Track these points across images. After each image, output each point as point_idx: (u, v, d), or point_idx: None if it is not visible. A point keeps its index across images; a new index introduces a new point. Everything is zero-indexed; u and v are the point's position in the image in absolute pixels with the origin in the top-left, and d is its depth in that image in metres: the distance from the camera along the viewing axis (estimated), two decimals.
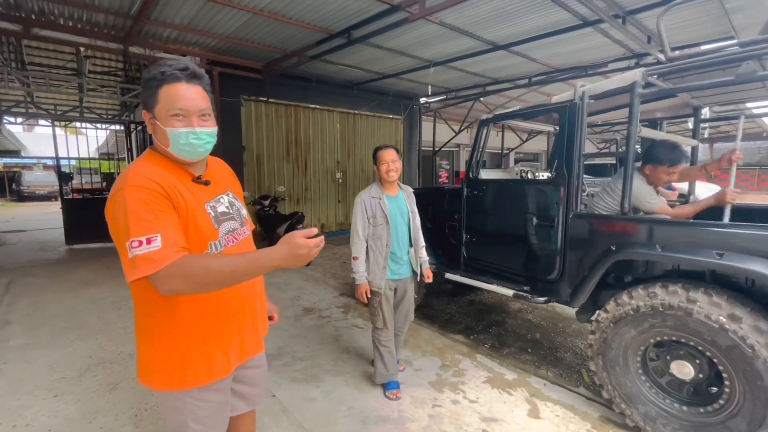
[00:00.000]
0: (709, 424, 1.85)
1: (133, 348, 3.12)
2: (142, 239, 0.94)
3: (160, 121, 1.08)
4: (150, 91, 1.07)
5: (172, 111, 1.07)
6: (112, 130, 14.56)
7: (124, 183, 1.01)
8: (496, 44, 5.55)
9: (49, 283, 4.92)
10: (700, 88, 2.05)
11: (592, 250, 2.32)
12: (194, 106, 1.09)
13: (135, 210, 0.97)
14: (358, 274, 2.35)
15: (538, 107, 2.76)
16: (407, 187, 2.59)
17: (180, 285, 0.96)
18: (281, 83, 6.97)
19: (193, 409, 1.18)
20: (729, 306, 1.77)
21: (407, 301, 2.55)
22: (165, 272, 0.95)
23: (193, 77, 1.10)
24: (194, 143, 1.10)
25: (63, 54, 7.51)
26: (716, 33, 4.73)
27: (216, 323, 1.17)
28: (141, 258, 0.94)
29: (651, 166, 2.39)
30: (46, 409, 2.33)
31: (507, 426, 2.19)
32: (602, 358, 2.19)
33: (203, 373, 1.15)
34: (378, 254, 2.38)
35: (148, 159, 1.12)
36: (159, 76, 1.06)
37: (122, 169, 1.06)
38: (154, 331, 1.13)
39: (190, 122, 1.09)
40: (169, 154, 1.11)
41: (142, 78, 1.10)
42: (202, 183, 1.17)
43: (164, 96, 1.07)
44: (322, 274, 5.41)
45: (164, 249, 0.96)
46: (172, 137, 1.07)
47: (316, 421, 2.23)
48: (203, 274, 0.97)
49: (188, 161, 1.14)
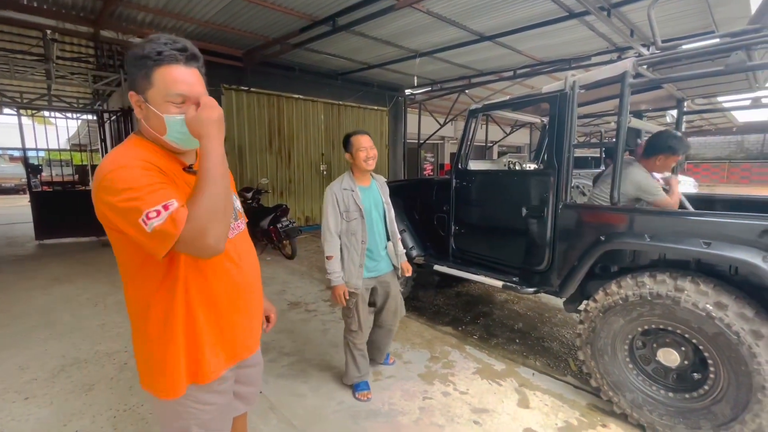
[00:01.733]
0: (694, 409, 1.89)
1: (109, 347, 2.99)
2: (159, 208, 0.87)
3: (153, 105, 0.97)
4: (142, 72, 0.96)
5: (171, 96, 0.96)
6: (84, 120, 13.93)
7: (113, 166, 0.91)
8: (483, 35, 5.52)
9: (17, 279, 4.67)
10: (689, 78, 2.06)
11: (582, 240, 2.33)
12: (194, 91, 0.99)
13: (134, 185, 0.88)
14: (334, 275, 2.17)
15: (528, 97, 2.74)
16: (380, 176, 2.44)
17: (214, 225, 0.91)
18: (263, 72, 6.77)
19: (196, 414, 1.11)
20: (715, 294, 1.80)
21: (393, 298, 2.42)
22: (194, 221, 0.89)
23: (191, 59, 1.00)
24: None
25: (28, 39, 7.08)
26: (698, 27, 4.82)
27: (215, 320, 1.10)
28: (165, 223, 0.87)
29: (664, 157, 2.42)
30: (16, 413, 2.20)
31: (498, 416, 2.20)
32: (591, 347, 2.21)
33: (200, 372, 1.08)
34: (353, 251, 2.20)
35: (134, 144, 1.01)
36: (154, 55, 0.94)
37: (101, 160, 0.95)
38: (151, 336, 1.05)
39: (187, 109, 0.99)
40: (160, 141, 1.02)
41: (130, 54, 0.97)
42: (193, 173, 1.08)
43: (160, 79, 0.95)
44: (307, 267, 5.32)
45: (181, 208, 0.89)
46: (170, 124, 0.98)
47: (305, 417, 2.18)
48: (213, 197, 0.92)
49: (182, 150, 1.05)
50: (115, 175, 0.89)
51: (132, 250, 0.98)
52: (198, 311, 1.06)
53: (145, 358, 1.08)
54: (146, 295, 1.03)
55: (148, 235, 0.87)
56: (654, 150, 2.45)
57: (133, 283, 1.04)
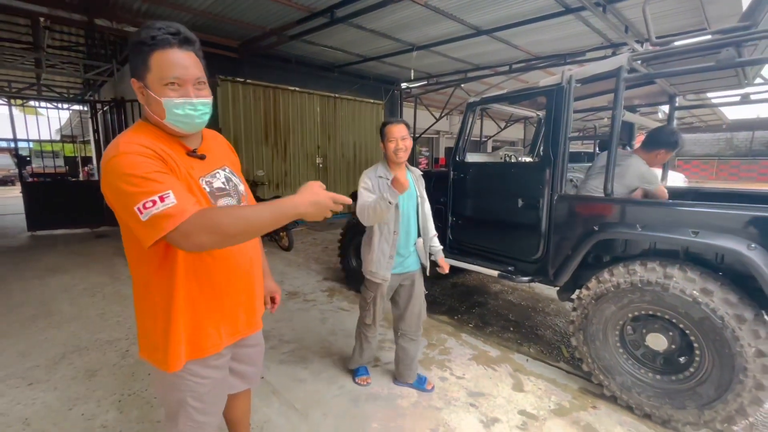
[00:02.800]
0: (681, 390, 1.99)
1: (110, 335, 3.01)
2: (155, 198, 0.89)
3: (153, 90, 1.00)
4: (140, 58, 0.99)
5: (167, 80, 0.99)
6: (75, 111, 13.71)
7: (116, 151, 0.94)
8: (480, 29, 5.55)
9: (11, 270, 4.65)
10: (681, 74, 2.13)
11: (576, 230, 2.40)
12: (190, 74, 1.02)
13: (137, 173, 0.91)
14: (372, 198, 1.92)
15: (525, 90, 2.79)
16: (416, 169, 2.29)
17: (206, 237, 0.91)
18: (259, 63, 6.74)
19: (192, 386, 1.16)
20: (702, 281, 1.88)
21: (417, 299, 2.25)
22: (188, 225, 0.90)
23: (186, 42, 1.02)
24: (191, 114, 1.03)
25: (17, 26, 6.94)
26: (690, 24, 4.91)
27: (212, 299, 1.14)
28: (158, 216, 0.89)
29: (665, 152, 2.53)
30: (21, 398, 2.22)
31: (493, 399, 2.28)
32: (583, 333, 2.29)
33: (197, 348, 1.13)
34: (384, 242, 2.08)
35: (139, 129, 1.04)
36: (149, 40, 0.97)
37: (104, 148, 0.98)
38: (154, 309, 1.10)
39: (186, 92, 1.02)
40: (162, 125, 1.04)
41: (129, 42, 1.01)
42: (196, 157, 1.11)
43: (156, 63, 0.98)
44: (304, 259, 5.36)
45: (180, 203, 0.91)
46: (168, 108, 1.00)
47: (306, 401, 2.24)
48: (229, 224, 0.92)
49: (184, 133, 1.08)
50: (118, 160, 0.93)
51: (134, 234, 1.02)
52: (198, 290, 1.11)
53: (146, 330, 1.13)
54: (148, 273, 1.07)
55: (142, 224, 0.90)
56: (657, 145, 2.53)
57: (136, 262, 1.09)
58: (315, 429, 2.01)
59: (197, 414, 1.19)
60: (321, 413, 2.13)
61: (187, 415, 1.18)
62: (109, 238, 6.55)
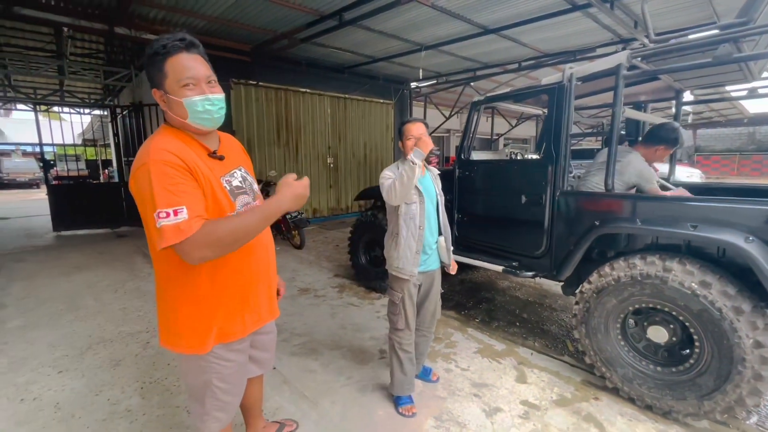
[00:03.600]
0: (681, 381, 2.02)
1: (132, 327, 3.18)
2: (169, 210, 1.00)
3: (172, 94, 1.11)
4: (156, 67, 1.11)
5: (183, 81, 1.10)
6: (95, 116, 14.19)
7: (147, 158, 1.05)
8: (487, 28, 5.58)
9: (40, 268, 4.90)
10: (679, 70, 2.15)
11: (578, 225, 2.45)
12: (201, 73, 1.13)
13: (160, 183, 1.02)
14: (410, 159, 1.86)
15: (527, 89, 2.84)
16: (434, 168, 2.31)
17: (207, 251, 1.03)
18: (271, 66, 6.90)
19: (217, 369, 1.26)
20: (701, 273, 1.91)
21: (434, 297, 2.25)
22: (191, 241, 1.01)
23: (192, 46, 1.14)
24: (210, 109, 1.14)
25: (41, 35, 7.27)
26: (700, 18, 4.85)
27: (234, 289, 1.25)
28: (169, 228, 1.00)
29: (664, 148, 2.56)
30: (52, 384, 2.39)
31: (497, 390, 2.34)
32: (585, 326, 2.34)
33: (224, 333, 1.24)
34: (410, 237, 2.05)
35: (166, 134, 1.15)
36: (161, 50, 1.09)
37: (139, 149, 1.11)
38: (177, 298, 1.20)
39: (201, 89, 1.13)
40: (186, 126, 1.15)
41: (145, 56, 1.13)
42: (216, 158, 1.22)
43: (171, 68, 1.10)
44: (315, 257, 5.49)
45: (190, 221, 1.02)
46: (189, 106, 1.11)
47: (316, 390, 2.34)
48: (226, 235, 1.04)
49: (206, 130, 1.19)
50: (147, 168, 1.04)
51: None
52: (221, 280, 1.21)
53: (168, 320, 1.23)
54: (169, 267, 1.18)
55: (156, 230, 1.02)
56: (656, 140, 2.57)
57: (159, 256, 1.19)
58: (324, 415, 2.11)
59: (222, 394, 1.31)
60: (330, 401, 2.23)
61: (212, 395, 1.30)
62: (128, 237, 6.81)
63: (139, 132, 7.34)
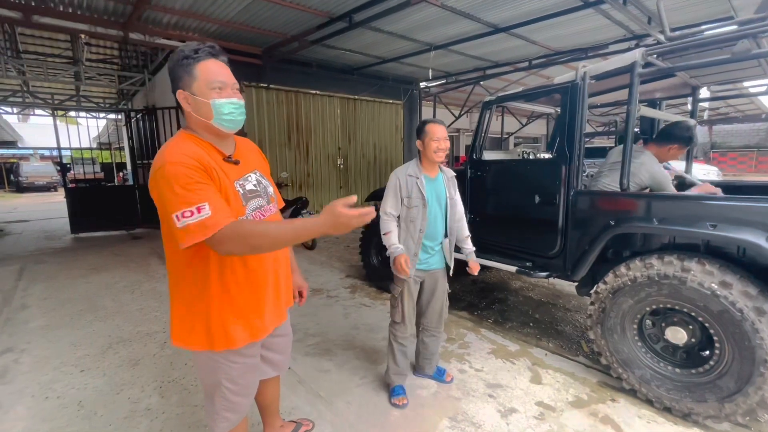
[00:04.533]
0: (700, 383, 1.99)
1: (149, 328, 3.24)
2: (193, 209, 1.03)
3: (200, 95, 1.16)
4: (185, 69, 1.15)
5: (213, 84, 1.16)
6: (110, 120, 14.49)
7: (163, 161, 1.08)
8: (497, 26, 5.55)
9: (60, 269, 5.03)
10: (696, 67, 2.12)
11: (593, 225, 2.42)
12: (229, 79, 1.20)
13: (179, 183, 1.05)
14: (392, 247, 2.05)
15: (540, 88, 2.82)
16: (449, 170, 2.28)
17: (234, 246, 1.07)
18: (281, 69, 6.96)
19: (225, 369, 1.29)
20: (720, 273, 1.88)
21: (440, 297, 2.29)
22: (221, 235, 1.04)
23: (220, 53, 1.21)
24: (234, 112, 1.19)
25: (58, 42, 7.46)
26: (717, 13, 4.75)
27: (241, 294, 1.27)
28: (195, 225, 1.03)
29: (677, 147, 2.51)
30: (75, 383, 2.46)
31: (511, 391, 2.33)
32: (601, 326, 2.32)
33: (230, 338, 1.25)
34: (409, 239, 2.12)
35: (183, 138, 1.19)
36: (193, 54, 1.15)
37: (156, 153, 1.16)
38: (189, 297, 1.23)
39: (228, 93, 1.18)
40: (208, 128, 1.19)
41: (172, 60, 1.18)
42: (232, 162, 1.25)
43: (202, 72, 1.15)
44: (327, 257, 5.53)
45: (214, 216, 1.05)
46: (216, 108, 1.16)
47: (331, 390, 2.36)
48: (256, 237, 1.07)
49: (227, 132, 1.22)
50: (165, 170, 1.07)
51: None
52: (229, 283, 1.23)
53: (180, 318, 1.26)
54: (182, 266, 1.21)
55: (177, 229, 1.06)
56: (669, 139, 2.52)
57: (172, 255, 1.23)
58: (339, 415, 2.13)
59: (231, 394, 1.34)
60: (345, 401, 2.25)
61: (221, 394, 1.33)
62: (143, 239, 6.94)
63: (153, 135, 7.48)
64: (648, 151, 2.55)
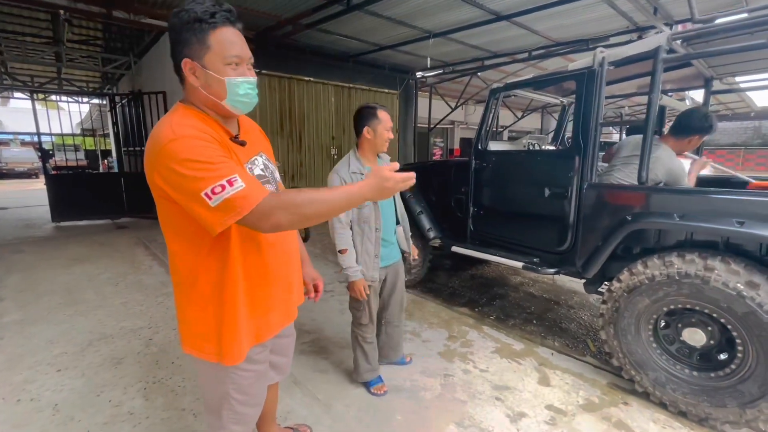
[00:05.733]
0: (720, 388, 1.89)
1: (134, 323, 3.06)
2: (223, 183, 0.87)
3: (213, 70, 0.96)
4: (196, 35, 0.94)
5: (229, 58, 0.96)
6: (94, 105, 13.97)
7: (173, 135, 0.90)
8: (500, 14, 5.38)
9: (39, 259, 4.77)
10: (726, 53, 1.98)
11: (607, 220, 2.30)
12: (246, 53, 1.00)
13: (200, 158, 0.88)
14: (351, 270, 1.96)
15: (554, 75, 2.68)
16: (386, 155, 2.17)
17: (284, 216, 0.91)
18: (274, 54, 6.69)
19: (235, 379, 1.14)
20: (747, 273, 1.78)
21: (400, 288, 2.29)
22: (265, 206, 0.90)
23: (238, 20, 1.00)
24: (251, 93, 1.01)
25: (38, 21, 7.05)
26: (726, 4, 4.65)
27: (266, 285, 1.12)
28: (231, 200, 0.87)
29: (698, 137, 2.39)
30: (51, 384, 2.27)
31: (519, 393, 2.22)
32: (614, 326, 2.21)
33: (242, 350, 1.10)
34: (367, 242, 2.00)
35: (185, 112, 1.00)
36: (208, 18, 0.93)
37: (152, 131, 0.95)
38: (202, 297, 1.06)
39: (243, 71, 0.99)
40: (215, 107, 1.01)
41: (177, 19, 0.95)
42: (239, 143, 1.08)
43: (217, 41, 0.95)
44: (321, 249, 5.36)
45: (249, 187, 0.89)
46: (231, 87, 0.97)
47: (329, 392, 2.22)
48: (307, 204, 0.92)
49: (238, 114, 1.06)
50: (176, 145, 0.88)
51: (182, 219, 0.98)
52: (252, 277, 1.08)
53: (192, 321, 1.09)
54: (196, 261, 1.03)
55: (211, 209, 0.88)
56: (689, 130, 2.37)
57: (180, 251, 1.05)
58: (338, 420, 1.99)
59: (240, 406, 1.18)
60: (343, 405, 2.11)
61: (230, 407, 1.17)
62: (129, 229, 6.67)
63: (139, 121, 7.16)
64: (664, 144, 2.43)
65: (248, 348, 1.12)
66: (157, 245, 5.43)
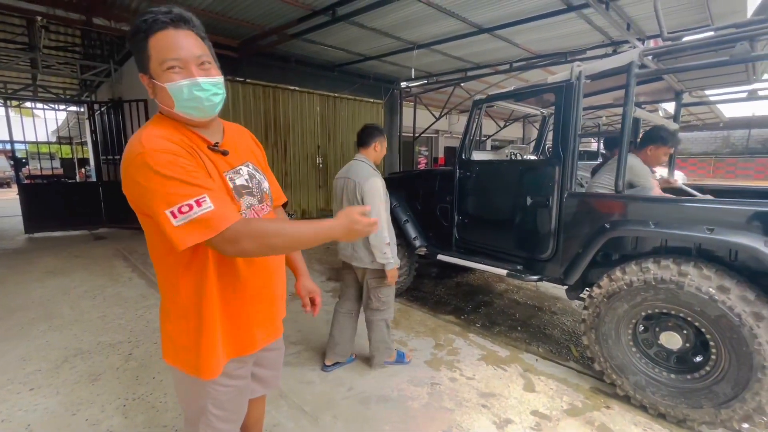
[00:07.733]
0: (696, 389, 1.96)
1: (112, 337, 2.96)
2: (190, 202, 0.85)
3: (156, 78, 0.94)
4: (138, 47, 0.93)
5: (167, 63, 0.91)
6: (71, 112, 13.59)
7: (141, 149, 0.88)
8: (481, 27, 5.52)
9: (10, 273, 4.58)
10: (693, 68, 2.10)
11: (587, 228, 2.37)
12: (189, 53, 0.94)
13: (167, 174, 0.86)
14: (395, 259, 2.32)
15: (533, 87, 2.76)
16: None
17: (250, 244, 0.91)
18: (259, 63, 6.68)
19: (213, 394, 1.11)
20: (718, 278, 1.86)
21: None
22: (232, 232, 0.88)
23: (180, 21, 0.94)
24: (199, 96, 0.95)
25: (12, 27, 6.87)
26: (694, 21, 4.89)
27: (245, 300, 1.10)
28: (196, 221, 0.85)
29: (654, 147, 2.58)
30: (23, 403, 2.17)
31: (505, 400, 2.24)
32: (595, 332, 2.27)
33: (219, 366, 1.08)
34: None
35: (159, 123, 0.99)
36: (143, 26, 0.91)
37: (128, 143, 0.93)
38: (183, 308, 1.04)
39: (189, 72, 0.94)
40: (177, 117, 0.98)
41: (128, 36, 0.95)
42: (219, 152, 1.05)
43: (154, 47, 0.92)
44: (306, 259, 5.27)
45: (219, 209, 0.88)
46: (174, 93, 0.93)
47: (315, 403, 2.20)
48: (275, 236, 0.92)
49: (197, 121, 1.01)
50: (144, 159, 0.87)
51: (159, 232, 0.97)
52: (231, 290, 1.06)
53: (174, 332, 1.08)
54: (176, 273, 1.02)
55: (173, 228, 0.86)
56: (645, 141, 2.60)
57: (162, 262, 1.04)
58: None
59: (217, 421, 1.15)
60: (331, 416, 2.09)
61: (207, 422, 1.14)
62: (107, 239, 6.48)
63: (119, 129, 7.01)
64: (630, 153, 2.57)
65: (224, 362, 1.09)
66: (137, 256, 5.28)
